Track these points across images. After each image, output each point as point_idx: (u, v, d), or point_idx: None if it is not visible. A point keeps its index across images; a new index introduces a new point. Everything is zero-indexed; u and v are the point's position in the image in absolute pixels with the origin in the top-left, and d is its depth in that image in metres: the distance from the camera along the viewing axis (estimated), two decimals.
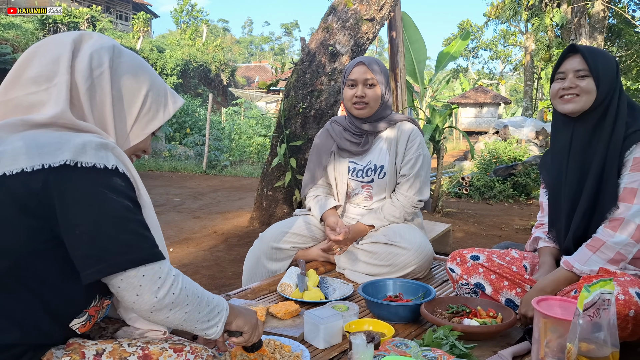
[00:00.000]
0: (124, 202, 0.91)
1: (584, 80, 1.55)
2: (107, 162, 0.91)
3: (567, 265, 1.52)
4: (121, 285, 0.90)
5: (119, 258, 0.88)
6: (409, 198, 2.27)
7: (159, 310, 0.93)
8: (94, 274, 0.88)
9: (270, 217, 4.49)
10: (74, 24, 15.21)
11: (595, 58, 1.55)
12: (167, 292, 0.93)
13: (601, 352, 1.12)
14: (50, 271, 0.92)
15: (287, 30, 73.52)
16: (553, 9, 12.81)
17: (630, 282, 1.36)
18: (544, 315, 1.24)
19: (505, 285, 1.75)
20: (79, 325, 1.00)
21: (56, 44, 0.99)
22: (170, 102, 1.10)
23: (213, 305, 1.05)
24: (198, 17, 34.42)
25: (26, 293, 0.90)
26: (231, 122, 14.00)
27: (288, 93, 4.42)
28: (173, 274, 0.95)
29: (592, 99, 1.55)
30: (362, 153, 2.32)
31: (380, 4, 4.25)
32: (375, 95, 2.23)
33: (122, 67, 1.03)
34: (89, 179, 0.88)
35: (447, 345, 1.39)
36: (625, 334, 1.32)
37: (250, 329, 1.15)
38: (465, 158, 11.30)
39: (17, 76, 0.97)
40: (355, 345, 1.17)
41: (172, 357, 0.98)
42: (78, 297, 0.96)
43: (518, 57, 36.20)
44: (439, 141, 5.88)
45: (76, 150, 0.88)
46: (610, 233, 1.49)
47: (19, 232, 0.87)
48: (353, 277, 2.20)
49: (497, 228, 5.23)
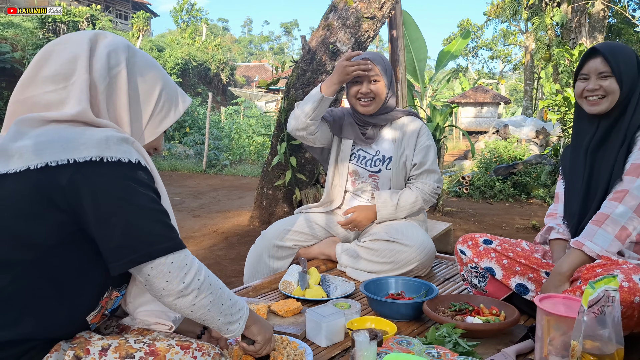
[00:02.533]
0: (149, 194, 0.95)
1: (607, 80, 1.59)
2: (131, 156, 0.93)
3: (576, 244, 1.52)
4: (151, 273, 0.93)
5: (150, 247, 0.92)
6: (428, 185, 2.28)
7: (186, 295, 0.96)
8: (127, 264, 0.91)
9: (270, 216, 4.48)
10: (73, 23, 15.18)
11: (616, 57, 1.58)
12: (193, 278, 0.97)
13: (606, 349, 1.12)
14: (72, 263, 0.94)
15: (286, 29, 73.49)
16: (553, 8, 12.80)
17: (634, 269, 1.36)
18: (547, 312, 1.23)
19: (518, 271, 1.73)
20: (92, 317, 1.02)
21: (72, 43, 1.00)
22: (180, 101, 1.13)
23: (234, 300, 1.08)
24: (197, 16, 34.41)
25: (46, 284, 0.92)
26: (231, 122, 13.98)
27: (288, 91, 4.42)
28: (197, 262, 1.00)
29: (616, 97, 1.59)
30: (369, 143, 2.33)
31: (381, 3, 4.24)
32: (380, 91, 2.23)
33: (137, 66, 1.05)
34: (115, 173, 0.91)
35: (450, 342, 1.39)
36: (631, 323, 1.31)
37: (263, 340, 1.18)
38: (465, 157, 11.29)
39: (33, 75, 0.98)
40: (358, 343, 1.17)
41: (179, 354, 0.98)
42: (93, 289, 0.98)
43: (518, 56, 36.25)
44: (439, 140, 5.87)
45: (100, 145, 0.91)
46: (614, 204, 1.50)
47: (43, 224, 0.89)
48: (355, 275, 2.19)
49: (497, 227, 5.23)
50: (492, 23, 20.83)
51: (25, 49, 13.85)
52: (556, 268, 1.55)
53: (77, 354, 0.94)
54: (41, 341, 0.93)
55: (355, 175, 2.35)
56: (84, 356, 0.94)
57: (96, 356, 0.94)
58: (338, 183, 2.40)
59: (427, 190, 2.28)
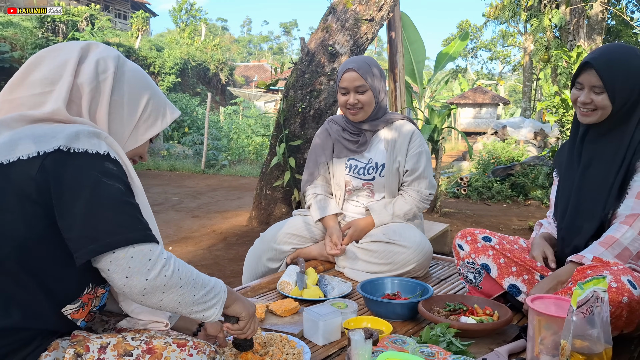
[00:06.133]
0: (116, 186, 0.94)
1: (600, 95, 1.58)
2: (99, 149, 0.95)
3: (577, 258, 1.53)
4: (110, 268, 0.91)
5: (109, 238, 0.90)
6: (420, 192, 2.29)
7: (150, 293, 0.94)
8: (86, 254, 0.90)
9: (269, 216, 4.51)
10: (72, 23, 15.17)
11: (611, 72, 1.55)
12: (158, 274, 0.93)
13: (595, 348, 1.15)
14: (50, 256, 0.95)
15: (285, 29, 73.47)
16: (552, 9, 12.84)
17: (623, 271, 1.39)
18: (538, 312, 1.26)
19: (513, 271, 1.75)
20: (72, 311, 1.01)
21: (64, 50, 1.06)
22: (168, 112, 1.17)
23: (210, 287, 1.05)
24: (197, 16, 34.38)
25: (27, 276, 0.94)
26: (230, 122, 13.99)
27: (287, 93, 4.44)
28: (164, 257, 0.96)
29: (608, 112, 1.59)
30: (361, 151, 2.34)
31: (380, 5, 4.27)
32: (368, 100, 2.24)
33: (125, 75, 1.10)
34: (81, 163, 0.92)
35: (444, 342, 1.41)
36: (620, 323, 1.34)
37: (247, 317, 1.16)
38: (463, 158, 11.32)
39: (23, 77, 1.03)
40: (354, 342, 1.19)
41: (175, 351, 1.00)
42: (73, 283, 0.99)
43: (517, 57, 36.25)
44: (437, 141, 5.90)
45: (69, 137, 0.93)
46: (624, 228, 1.52)
47: (20, 217, 0.91)
48: (352, 275, 2.22)
49: (495, 228, 5.26)
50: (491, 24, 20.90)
51: (25, 49, 13.86)
52: (555, 273, 1.57)
53: (77, 351, 0.96)
54: (34, 332, 0.95)
55: (349, 186, 2.38)
56: (84, 353, 0.96)
57: (95, 354, 0.96)
58: (334, 193, 2.44)
59: (419, 197, 2.30)
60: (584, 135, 1.70)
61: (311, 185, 2.44)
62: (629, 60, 1.57)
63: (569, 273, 1.53)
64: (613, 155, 1.61)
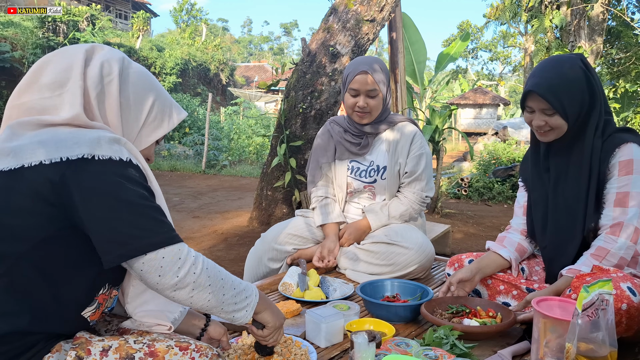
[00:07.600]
0: (139, 191, 0.96)
1: (552, 117, 1.58)
2: (122, 155, 0.97)
3: (572, 272, 1.54)
4: (143, 268, 0.95)
5: (139, 242, 0.93)
6: (417, 194, 2.28)
7: (181, 288, 0.98)
8: (117, 258, 0.93)
9: (269, 217, 4.50)
10: (73, 23, 15.17)
11: (556, 94, 1.54)
12: (188, 271, 0.97)
13: (600, 351, 1.14)
14: (63, 257, 0.96)
15: (286, 30, 73.50)
16: (553, 10, 12.82)
17: (623, 278, 1.39)
18: (544, 315, 1.25)
19: (502, 290, 1.78)
20: (90, 313, 1.04)
21: (69, 54, 1.06)
22: (174, 114, 1.17)
23: (240, 289, 1.08)
24: (197, 16, 34.43)
25: (39, 277, 0.94)
26: (230, 122, 13.99)
27: (288, 93, 4.43)
28: (193, 255, 1.00)
29: (564, 129, 1.60)
30: (363, 154, 2.33)
31: (381, 5, 4.27)
32: (377, 105, 2.23)
33: (130, 77, 1.10)
34: (105, 170, 0.93)
35: (447, 344, 1.41)
36: (620, 329, 1.34)
37: (274, 327, 1.19)
38: (464, 159, 11.31)
39: (31, 82, 1.03)
40: (357, 344, 1.19)
41: (177, 355, 1.00)
42: (87, 284, 1.00)
43: (517, 58, 36.27)
44: (438, 142, 5.89)
45: (92, 144, 0.94)
46: (614, 238, 1.52)
47: (35, 218, 0.92)
48: (354, 276, 2.21)
49: (496, 229, 5.25)
50: (491, 25, 20.90)
51: (25, 49, 13.85)
52: (551, 286, 1.58)
53: (79, 354, 0.95)
54: (40, 336, 0.95)
55: (350, 187, 2.37)
56: (85, 356, 0.95)
57: (97, 357, 0.96)
58: (336, 194, 2.43)
59: (415, 199, 2.29)
60: (547, 151, 1.70)
61: (315, 187, 2.44)
62: (567, 74, 1.55)
63: (566, 284, 1.53)
64: (579, 167, 1.61)
